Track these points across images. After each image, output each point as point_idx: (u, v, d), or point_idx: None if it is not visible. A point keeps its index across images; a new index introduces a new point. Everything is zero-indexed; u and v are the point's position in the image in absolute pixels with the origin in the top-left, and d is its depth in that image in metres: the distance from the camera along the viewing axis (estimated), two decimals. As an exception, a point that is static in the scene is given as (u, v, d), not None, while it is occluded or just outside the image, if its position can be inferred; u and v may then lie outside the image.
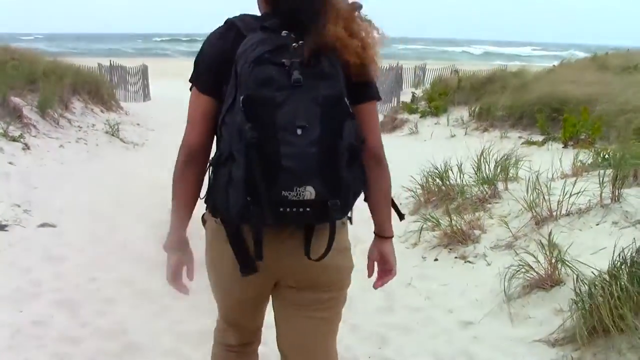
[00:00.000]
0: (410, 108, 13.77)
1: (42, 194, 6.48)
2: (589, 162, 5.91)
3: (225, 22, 1.79)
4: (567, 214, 4.43)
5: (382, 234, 2.03)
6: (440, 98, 13.43)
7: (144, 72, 22.55)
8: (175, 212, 1.99)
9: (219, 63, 1.73)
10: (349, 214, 1.85)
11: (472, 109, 11.83)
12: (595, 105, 9.42)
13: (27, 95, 9.84)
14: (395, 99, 18.11)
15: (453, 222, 4.88)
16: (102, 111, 12.64)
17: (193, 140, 1.85)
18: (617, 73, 13.48)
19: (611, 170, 4.63)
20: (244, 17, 1.78)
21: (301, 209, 1.60)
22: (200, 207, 2.01)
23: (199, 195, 1.95)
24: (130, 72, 21.81)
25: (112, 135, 10.56)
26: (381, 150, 1.90)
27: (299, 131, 1.55)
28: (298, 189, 1.56)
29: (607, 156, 5.89)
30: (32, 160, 7.57)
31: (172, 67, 40.61)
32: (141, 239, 5.41)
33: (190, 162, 1.87)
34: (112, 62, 21.62)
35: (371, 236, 2.08)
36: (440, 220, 5.06)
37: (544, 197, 4.60)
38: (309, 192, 1.57)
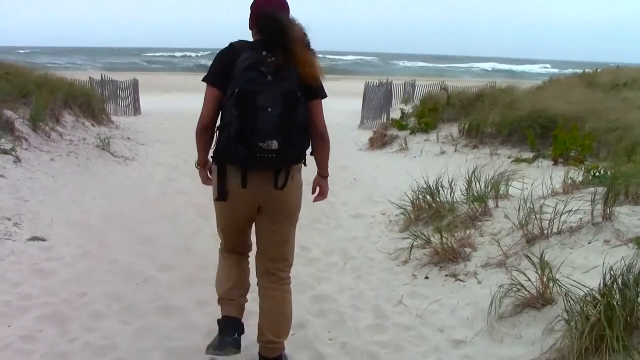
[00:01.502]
0: (399, 124, 13.78)
1: (32, 207, 6.44)
2: (580, 179, 5.93)
3: (229, 44, 3.09)
4: (559, 232, 4.45)
5: (321, 174, 3.52)
6: (429, 114, 13.45)
7: (134, 86, 22.53)
8: (199, 154, 3.25)
9: (223, 68, 2.99)
10: (304, 162, 3.20)
11: (462, 125, 11.85)
12: (584, 122, 9.46)
13: (19, 108, 9.80)
14: (385, 115, 18.14)
15: (444, 240, 4.88)
16: (93, 125, 12.61)
17: (206, 116, 3.09)
18: (606, 90, 13.56)
19: (602, 188, 4.65)
20: (240, 42, 3.08)
21: (269, 155, 2.87)
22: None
23: (210, 146, 3.17)
24: (121, 86, 21.78)
25: (103, 149, 10.52)
26: (324, 130, 3.21)
27: (269, 109, 2.84)
28: (267, 141, 2.84)
29: (597, 174, 5.92)
30: (23, 173, 7.52)
31: (163, 82, 40.67)
32: (131, 254, 5.40)
33: (204, 129, 3.12)
34: (103, 76, 21.60)
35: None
36: (431, 238, 5.07)
37: (535, 215, 4.61)
38: (274, 144, 2.85)
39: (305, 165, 3.23)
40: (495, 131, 11.04)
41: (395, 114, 16.65)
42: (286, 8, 3.19)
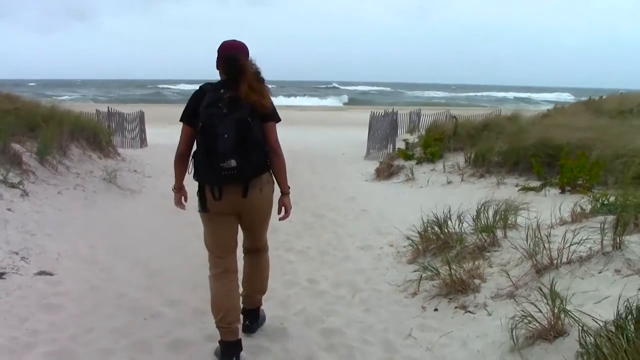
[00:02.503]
0: (405, 155, 13.77)
1: (39, 241, 6.44)
2: (588, 208, 5.90)
3: (199, 88, 3.86)
4: (568, 262, 4.40)
5: (282, 191, 4.09)
6: (435, 144, 13.45)
7: (141, 118, 22.65)
8: (176, 179, 4.16)
9: (192, 109, 3.79)
10: (267, 173, 3.89)
11: (468, 154, 11.83)
12: (591, 149, 9.43)
13: (26, 142, 9.86)
14: (391, 145, 18.13)
15: (452, 271, 4.85)
16: (99, 157, 12.65)
17: (181, 148, 3.93)
18: (611, 117, 13.55)
19: (611, 216, 4.62)
20: (207, 84, 3.87)
21: (231, 172, 3.60)
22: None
23: (185, 173, 4.03)
24: (127, 118, 21.89)
25: (110, 182, 10.55)
26: (277, 146, 3.89)
27: (225, 135, 3.54)
28: (227, 161, 3.56)
29: (606, 202, 5.89)
30: (31, 206, 7.53)
31: (169, 114, 40.89)
32: (138, 288, 5.38)
33: (180, 157, 3.97)
34: (110, 109, 21.72)
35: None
36: (439, 269, 5.03)
37: (544, 245, 4.58)
38: (233, 162, 3.56)
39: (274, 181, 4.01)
40: (502, 160, 11.01)
41: (401, 144, 16.66)
42: (244, 50, 3.96)
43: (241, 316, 4.10)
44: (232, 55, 3.83)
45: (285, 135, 8.62)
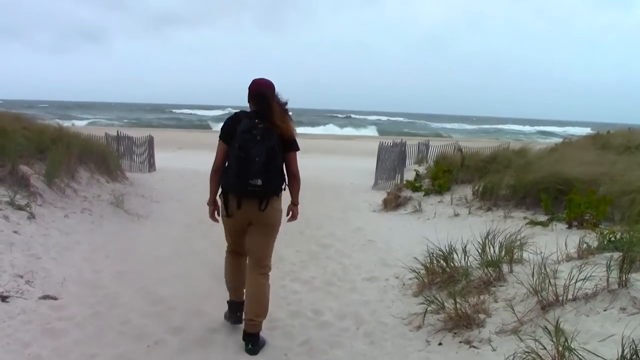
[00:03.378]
0: (413, 186, 13.77)
1: (45, 264, 6.45)
2: (595, 244, 5.88)
3: (235, 114, 4.64)
4: (574, 299, 4.38)
5: (293, 202, 4.97)
6: (443, 176, 13.45)
7: (150, 143, 22.77)
8: (211, 193, 4.81)
9: (229, 130, 4.54)
10: (281, 194, 4.67)
11: (476, 187, 11.83)
12: (598, 185, 9.42)
13: (35, 163, 9.90)
14: (399, 176, 18.12)
15: (458, 305, 4.83)
16: (107, 181, 12.69)
17: (218, 162, 4.69)
18: (619, 153, 13.52)
19: (617, 253, 4.60)
20: (241, 112, 4.65)
21: (255, 189, 4.42)
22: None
23: (219, 186, 4.74)
24: (136, 142, 22.00)
25: (117, 206, 10.57)
26: (296, 172, 4.78)
27: (257, 159, 4.35)
28: (255, 179, 4.38)
29: (612, 238, 5.87)
30: (37, 229, 7.55)
31: (178, 138, 41.06)
32: (142, 315, 5.38)
33: (217, 170, 4.70)
34: (119, 132, 21.86)
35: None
36: (444, 303, 5.01)
37: (549, 281, 4.56)
38: (259, 181, 4.39)
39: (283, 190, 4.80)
40: (509, 193, 11.00)
41: (409, 175, 16.66)
42: (272, 87, 4.76)
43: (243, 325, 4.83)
44: (263, 93, 4.66)
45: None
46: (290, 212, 5.04)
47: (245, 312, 4.76)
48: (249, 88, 4.78)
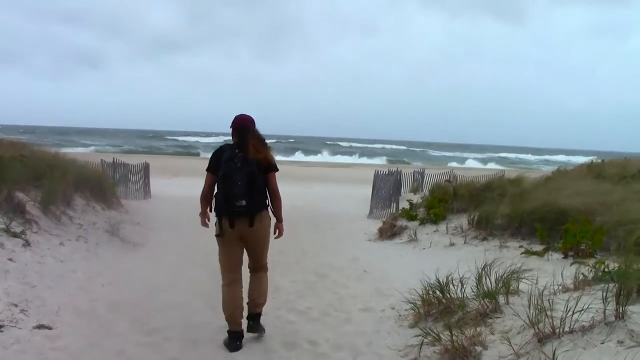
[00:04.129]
0: (409, 215, 13.77)
1: (40, 293, 6.42)
2: (591, 275, 5.88)
3: (220, 147, 5.58)
4: (571, 331, 4.36)
5: (278, 219, 5.70)
6: (439, 205, 13.45)
7: (145, 169, 22.74)
8: (202, 209, 5.65)
9: (215, 162, 5.45)
10: (270, 212, 5.61)
11: (471, 216, 11.84)
12: (594, 215, 9.43)
13: (31, 190, 9.90)
14: (394, 205, 18.10)
15: (454, 337, 4.81)
16: (103, 209, 12.69)
17: (206, 190, 5.57)
18: (614, 182, 13.53)
19: (614, 284, 4.59)
20: (225, 144, 5.57)
21: (242, 209, 5.30)
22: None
23: (209, 205, 5.56)
24: (132, 170, 21.97)
25: (112, 234, 10.56)
26: (276, 189, 5.58)
27: (239, 183, 5.24)
28: (239, 201, 5.26)
29: (607, 270, 5.87)
30: (32, 257, 7.52)
31: (174, 165, 41.06)
32: (137, 346, 5.35)
33: (204, 197, 5.60)
34: (115, 160, 21.83)
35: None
36: (440, 335, 4.99)
37: (546, 313, 4.55)
38: (243, 202, 5.27)
39: (272, 215, 5.71)
40: (505, 223, 11.02)
41: (404, 203, 16.67)
42: (251, 122, 5.65)
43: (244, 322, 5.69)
44: (242, 127, 5.58)
45: (288, 191, 8.72)
46: (277, 230, 5.83)
47: (248, 296, 5.75)
48: (231, 123, 5.66)
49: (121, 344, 5.32)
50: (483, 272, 5.86)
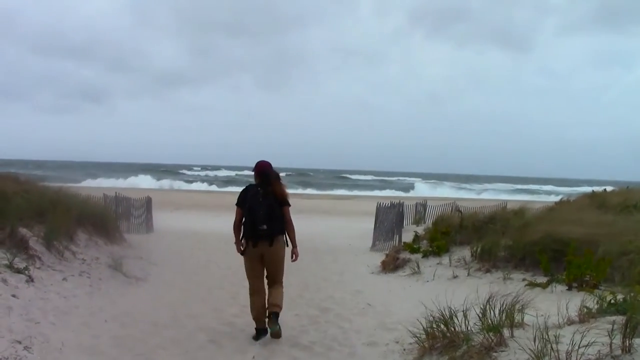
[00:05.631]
0: (412, 247, 13.77)
1: (43, 330, 6.38)
2: (596, 307, 5.86)
3: (246, 187, 7.26)
4: (576, 365, 4.34)
5: (293, 245, 7.21)
6: (442, 237, 13.46)
7: (148, 204, 22.79)
8: (235, 237, 7.17)
9: (242, 198, 7.10)
10: (285, 237, 7.19)
11: (474, 249, 11.83)
12: (597, 245, 9.42)
13: (34, 226, 9.90)
14: (397, 237, 18.09)
15: (460, 371, 4.78)
16: (105, 243, 12.68)
17: (236, 221, 7.12)
18: (617, 212, 13.52)
19: (620, 317, 4.57)
20: (250, 185, 7.24)
21: (263, 232, 6.92)
22: None
23: (240, 234, 7.11)
24: (134, 204, 22.01)
25: (115, 269, 10.54)
26: (290, 220, 7.16)
27: (261, 212, 6.88)
28: (262, 225, 6.88)
29: (613, 301, 5.85)
30: (35, 293, 7.50)
31: (176, 198, 41.11)
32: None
33: (236, 227, 7.14)
34: (117, 194, 21.87)
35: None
36: (446, 369, 4.96)
37: (551, 347, 4.53)
38: (265, 227, 6.89)
39: (287, 242, 7.21)
40: (508, 254, 11.01)
41: (407, 235, 16.65)
42: (270, 166, 7.20)
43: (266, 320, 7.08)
44: (264, 171, 7.13)
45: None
46: (293, 255, 7.24)
47: (268, 303, 7.11)
48: (254, 168, 7.22)
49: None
50: (487, 305, 5.84)
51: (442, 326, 5.91)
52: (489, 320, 5.69)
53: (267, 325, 7.07)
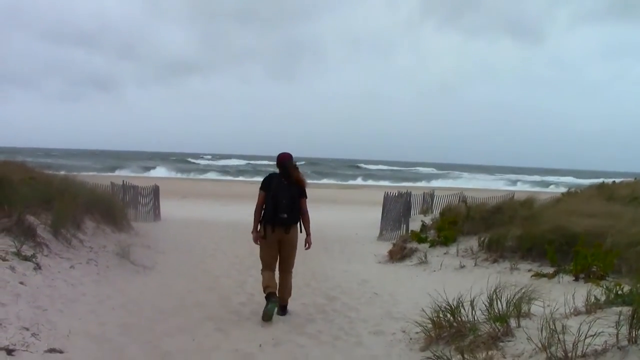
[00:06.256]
0: (419, 237, 13.75)
1: (51, 317, 6.41)
2: (603, 298, 5.84)
3: (270, 174, 7.77)
4: (583, 356, 4.33)
5: (307, 234, 7.76)
6: (449, 227, 13.44)
7: (155, 192, 22.78)
8: (255, 223, 7.60)
9: (266, 184, 7.56)
10: (298, 225, 7.70)
11: (482, 239, 11.82)
12: (604, 237, 9.40)
13: (41, 213, 9.91)
14: (404, 226, 18.07)
15: (466, 362, 4.77)
16: (113, 231, 12.70)
17: (259, 203, 7.55)
18: (625, 204, 13.47)
19: (626, 307, 4.55)
20: (273, 173, 7.74)
21: (283, 220, 7.48)
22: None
23: (260, 219, 7.59)
24: (142, 192, 22.02)
25: (123, 257, 10.55)
26: (306, 211, 7.70)
27: (284, 201, 7.45)
28: (282, 214, 7.44)
29: (620, 292, 5.84)
30: (43, 280, 7.52)
31: (183, 187, 41.16)
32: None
33: (258, 209, 7.57)
34: (125, 182, 21.88)
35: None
36: (452, 359, 4.96)
37: (558, 337, 4.52)
38: (285, 215, 7.47)
39: (301, 229, 7.72)
40: (515, 245, 10.99)
41: (414, 225, 16.63)
42: (290, 157, 7.69)
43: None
44: (285, 163, 7.63)
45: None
46: (307, 243, 7.76)
47: (279, 295, 7.58)
48: (277, 159, 7.72)
49: (132, 369, 5.30)
50: (494, 295, 5.84)
51: (448, 316, 5.92)
52: (496, 310, 5.69)
53: (276, 313, 7.53)
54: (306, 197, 7.69)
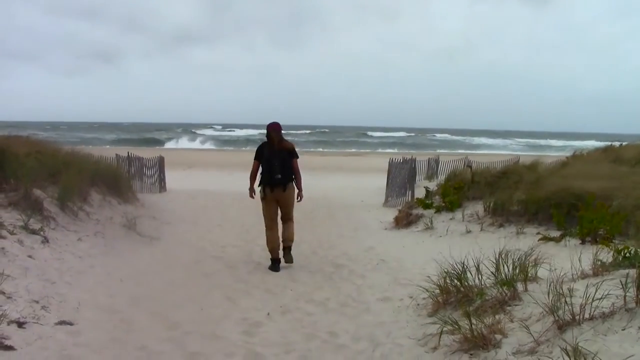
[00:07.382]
0: (424, 203, 13.72)
1: (60, 289, 6.46)
2: (609, 260, 5.84)
3: (262, 143, 8.97)
4: (591, 318, 4.33)
5: (299, 190, 8.99)
6: (454, 193, 13.42)
7: (160, 163, 22.68)
8: (250, 184, 9.10)
9: (259, 152, 8.86)
10: (292, 182, 8.86)
11: (487, 203, 11.79)
12: (611, 199, 9.36)
13: (48, 187, 9.92)
14: (410, 193, 18.02)
15: (473, 326, 4.78)
16: (119, 203, 12.69)
17: (253, 170, 8.91)
18: (632, 166, 13.39)
19: (633, 270, 4.55)
20: (264, 143, 8.92)
21: (278, 180, 8.66)
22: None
23: (255, 182, 8.97)
24: (147, 164, 21.95)
25: (129, 228, 10.59)
26: (298, 170, 8.89)
27: (276, 164, 8.64)
28: (276, 175, 8.63)
29: (628, 254, 5.83)
30: (51, 253, 7.56)
31: (188, 157, 41.14)
32: (159, 340, 5.37)
33: (252, 175, 8.97)
34: (129, 154, 21.78)
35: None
36: (459, 323, 4.97)
37: (565, 300, 4.52)
38: (279, 176, 8.65)
39: (296, 186, 8.88)
40: (521, 209, 10.96)
41: (420, 191, 16.61)
42: (279, 127, 8.81)
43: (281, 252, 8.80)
44: (271, 132, 8.72)
45: (304, 182, 8.81)
46: (299, 196, 8.93)
47: (283, 238, 8.84)
48: (267, 128, 8.79)
49: (143, 339, 5.35)
50: (500, 259, 5.84)
51: (455, 281, 5.92)
52: (503, 275, 5.69)
53: (281, 257, 8.78)
54: (297, 157, 8.86)
